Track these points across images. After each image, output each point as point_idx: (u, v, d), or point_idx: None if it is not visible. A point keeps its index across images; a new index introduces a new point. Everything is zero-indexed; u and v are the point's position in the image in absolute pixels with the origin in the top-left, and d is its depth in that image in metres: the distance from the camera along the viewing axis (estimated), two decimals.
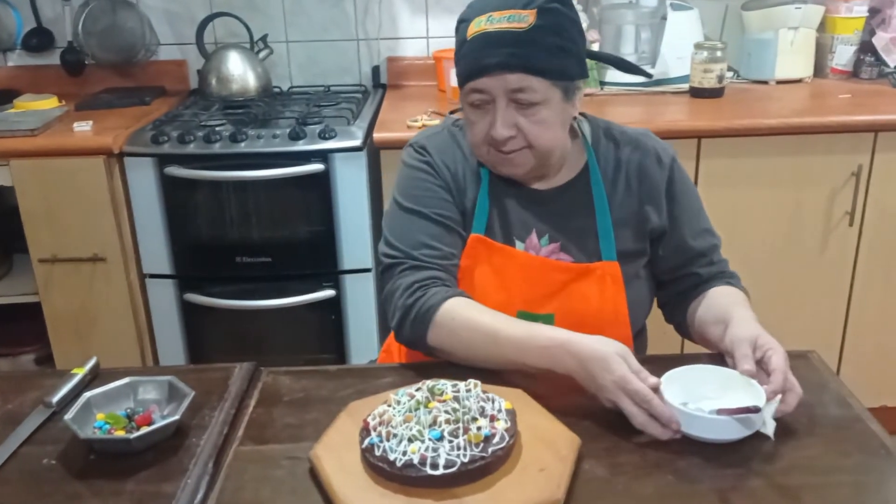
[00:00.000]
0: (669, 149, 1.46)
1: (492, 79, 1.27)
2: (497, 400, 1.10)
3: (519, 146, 1.32)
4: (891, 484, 1.04)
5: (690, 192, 1.46)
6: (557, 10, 1.27)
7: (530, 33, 1.25)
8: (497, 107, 1.29)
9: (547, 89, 1.28)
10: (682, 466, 1.06)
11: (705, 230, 1.47)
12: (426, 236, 1.36)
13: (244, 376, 1.31)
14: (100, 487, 1.05)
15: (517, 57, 1.25)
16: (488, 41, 1.26)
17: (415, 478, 0.99)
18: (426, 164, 1.41)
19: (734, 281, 1.46)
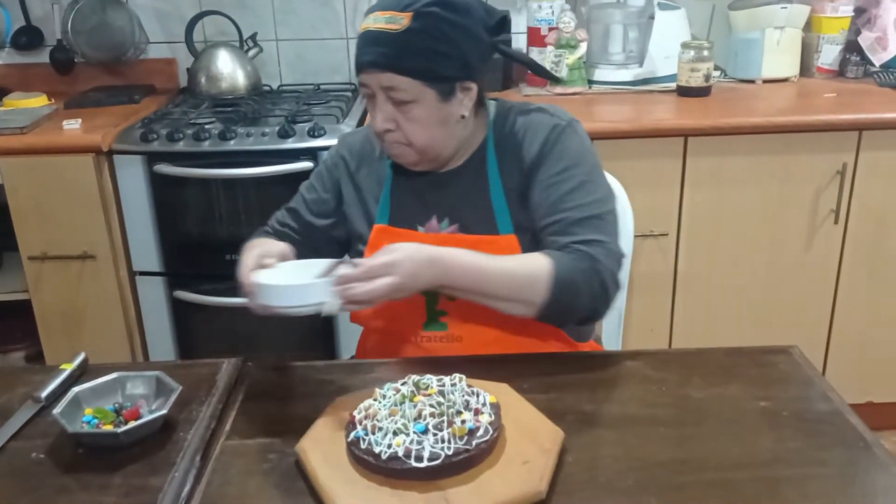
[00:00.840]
0: (558, 119, 1.42)
1: (368, 75, 1.33)
2: (482, 394, 1.11)
3: (398, 140, 1.37)
4: (869, 476, 1.06)
5: (563, 154, 1.39)
6: (435, 14, 1.30)
7: (403, 35, 1.30)
8: (377, 101, 1.35)
9: (418, 89, 1.32)
10: (663, 459, 1.08)
11: (569, 193, 1.37)
12: (285, 207, 1.57)
13: (231, 372, 1.32)
14: (88, 481, 1.06)
15: (386, 57, 1.30)
16: (367, 39, 1.33)
17: (399, 470, 1.00)
18: (330, 159, 1.55)
19: (571, 254, 1.31)
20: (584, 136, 1.43)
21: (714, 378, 1.27)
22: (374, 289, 1.19)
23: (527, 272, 1.29)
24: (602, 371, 1.31)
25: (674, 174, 2.35)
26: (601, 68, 2.72)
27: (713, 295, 2.47)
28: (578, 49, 2.62)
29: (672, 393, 1.23)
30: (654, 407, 1.20)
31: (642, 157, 2.32)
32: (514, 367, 1.31)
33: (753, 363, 1.31)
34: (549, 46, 2.63)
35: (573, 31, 2.61)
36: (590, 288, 1.30)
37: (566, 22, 2.60)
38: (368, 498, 0.99)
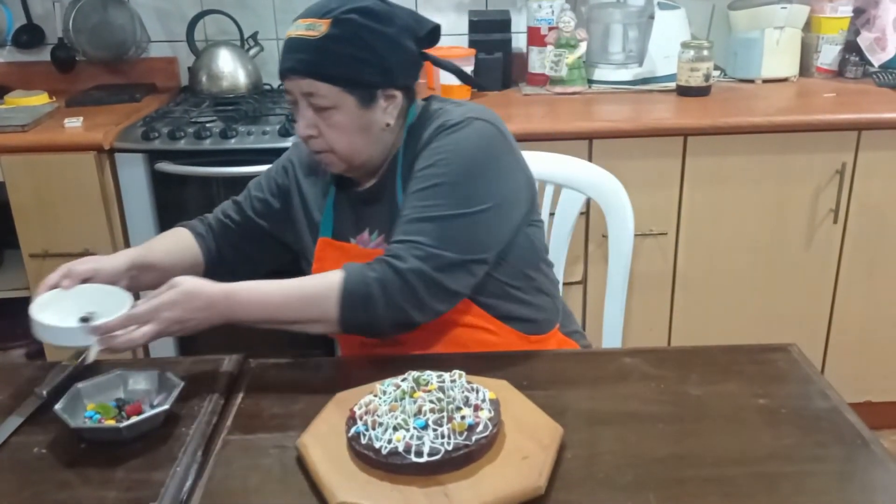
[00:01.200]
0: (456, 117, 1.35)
1: (290, 82, 1.34)
2: (481, 390, 1.12)
3: (321, 148, 1.37)
4: (866, 473, 1.07)
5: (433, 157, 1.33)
6: (353, 21, 1.31)
7: (322, 42, 1.30)
8: (299, 107, 1.35)
9: (337, 95, 1.32)
10: (661, 456, 1.08)
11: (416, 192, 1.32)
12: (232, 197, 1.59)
13: (232, 368, 1.33)
14: (90, 476, 1.07)
15: (305, 63, 1.31)
16: (289, 46, 1.34)
17: (400, 465, 1.01)
18: (281, 165, 1.56)
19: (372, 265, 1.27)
20: (474, 135, 1.34)
21: (712, 375, 1.28)
22: (135, 339, 1.21)
23: (313, 292, 1.27)
24: (601, 368, 1.31)
25: (673, 173, 2.36)
26: (601, 68, 2.73)
27: (712, 294, 2.48)
28: (578, 48, 2.63)
29: (671, 390, 1.24)
30: (652, 404, 1.20)
31: (642, 157, 2.33)
32: (514, 364, 1.31)
33: (752, 361, 1.32)
34: (549, 46, 2.64)
35: (573, 30, 2.62)
36: (385, 295, 1.25)
37: (566, 21, 2.61)
38: (369, 493, 0.99)
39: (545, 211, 1.84)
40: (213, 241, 1.55)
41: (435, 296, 1.27)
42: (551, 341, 1.50)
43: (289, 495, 1.03)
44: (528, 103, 2.58)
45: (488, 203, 1.31)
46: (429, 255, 1.26)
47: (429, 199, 1.31)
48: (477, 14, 2.80)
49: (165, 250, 1.49)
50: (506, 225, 1.37)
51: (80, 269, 1.33)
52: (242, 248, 1.56)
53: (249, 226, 1.55)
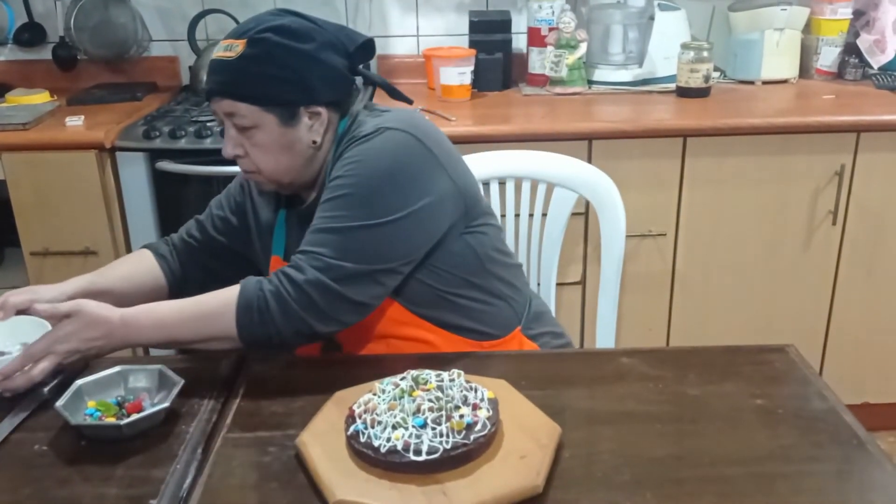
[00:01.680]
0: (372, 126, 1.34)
1: (213, 103, 1.35)
2: (480, 389, 1.12)
3: (249, 167, 1.37)
4: (863, 473, 1.07)
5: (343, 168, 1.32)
6: (268, 40, 1.31)
7: (238, 62, 1.30)
8: (226, 128, 1.36)
9: (256, 115, 1.32)
10: (659, 455, 1.09)
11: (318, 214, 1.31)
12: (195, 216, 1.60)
13: (232, 366, 1.33)
14: (90, 473, 1.07)
15: (222, 84, 1.32)
16: (210, 68, 1.34)
17: (398, 463, 1.01)
18: (239, 181, 1.57)
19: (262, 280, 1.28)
20: (385, 144, 1.32)
21: (710, 376, 1.28)
22: (33, 377, 1.22)
23: (210, 309, 1.27)
24: (599, 368, 1.32)
25: (672, 174, 2.36)
26: (601, 68, 2.74)
27: (711, 295, 2.48)
28: (578, 49, 2.64)
29: (669, 390, 1.24)
30: (650, 404, 1.21)
31: (641, 158, 2.33)
32: (512, 363, 1.32)
33: (750, 361, 1.32)
34: (549, 46, 2.64)
35: (573, 31, 2.62)
36: (281, 306, 1.24)
37: (566, 22, 2.61)
38: (367, 491, 1.00)
39: (537, 210, 1.85)
40: (177, 261, 1.56)
41: (337, 307, 1.26)
42: (510, 345, 1.47)
43: (288, 493, 1.04)
44: (528, 104, 2.58)
45: (397, 213, 1.29)
46: (329, 265, 1.25)
47: (334, 210, 1.29)
48: (477, 14, 2.80)
49: (121, 276, 1.48)
50: (420, 234, 1.33)
51: (13, 301, 1.32)
52: (207, 265, 1.56)
53: (212, 244, 1.56)
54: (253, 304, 1.24)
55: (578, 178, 1.79)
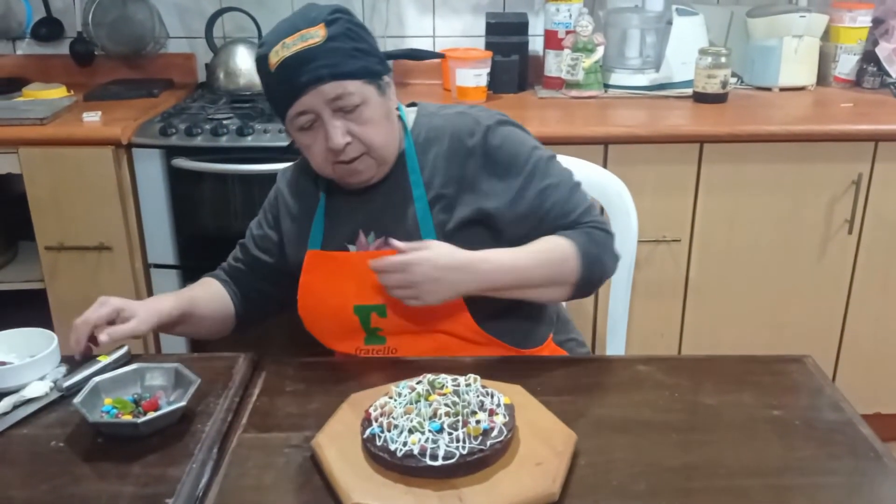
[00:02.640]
0: (484, 120, 1.43)
1: (309, 96, 1.32)
2: (496, 395, 1.12)
3: (358, 152, 1.36)
4: (879, 487, 1.07)
5: (517, 153, 1.42)
6: (341, 19, 1.33)
7: (328, 44, 1.30)
8: (324, 120, 1.33)
9: (362, 89, 1.33)
10: (674, 465, 1.09)
11: (546, 187, 1.42)
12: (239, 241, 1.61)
13: (248, 366, 1.34)
14: (106, 470, 1.08)
15: (324, 67, 1.30)
16: (293, 64, 1.31)
17: (414, 468, 1.01)
18: (273, 194, 1.56)
19: (575, 231, 1.40)
20: (515, 125, 1.46)
21: (727, 385, 1.28)
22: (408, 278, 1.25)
23: (557, 256, 1.35)
24: (615, 375, 1.32)
25: (688, 180, 2.35)
26: (618, 72, 2.73)
27: (724, 302, 2.48)
28: (595, 53, 2.63)
29: (684, 399, 1.24)
30: (666, 412, 1.20)
31: (657, 163, 2.32)
32: (528, 369, 1.32)
33: (766, 371, 1.32)
34: (566, 49, 2.64)
35: (590, 34, 2.62)
36: (606, 251, 1.40)
37: (584, 25, 2.61)
38: (383, 495, 1.00)
39: None
40: (236, 286, 1.56)
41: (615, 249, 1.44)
42: (544, 352, 1.50)
43: (303, 494, 1.04)
44: (544, 106, 2.58)
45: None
46: (597, 209, 1.45)
47: (554, 178, 1.42)
48: (494, 16, 2.80)
49: (206, 300, 1.49)
50: None
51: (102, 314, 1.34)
52: (259, 287, 1.56)
53: (257, 264, 1.55)
54: (592, 254, 1.37)
55: (590, 182, 1.78)
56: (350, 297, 1.41)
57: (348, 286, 1.41)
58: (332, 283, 1.42)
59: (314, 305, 1.45)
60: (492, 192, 1.40)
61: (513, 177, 1.41)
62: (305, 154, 1.41)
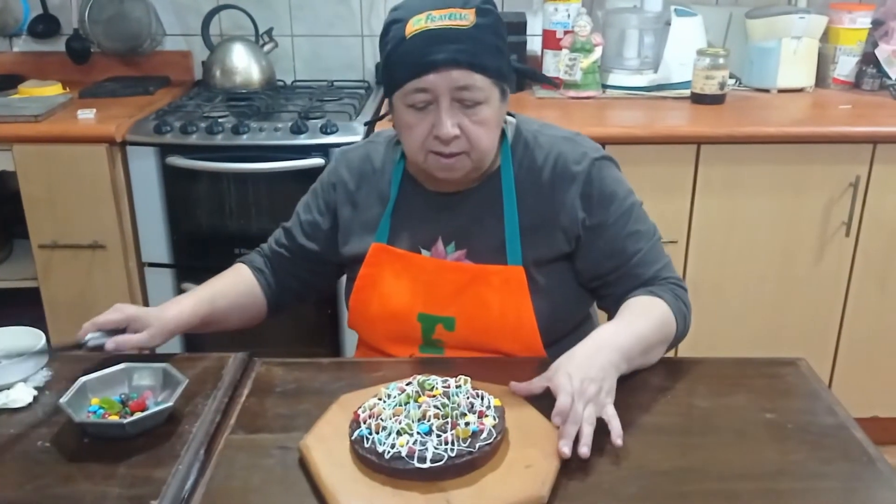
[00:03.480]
0: (591, 152, 1.39)
1: (438, 76, 1.24)
2: (486, 396, 1.11)
3: (461, 149, 1.29)
4: (872, 491, 1.06)
5: (614, 193, 1.39)
6: (492, 11, 1.29)
7: (473, 31, 1.25)
8: (441, 106, 1.26)
9: (489, 88, 1.28)
10: (666, 468, 1.07)
11: (634, 232, 1.39)
12: (282, 225, 1.55)
13: (238, 366, 1.32)
14: (92, 471, 1.07)
15: (464, 53, 1.24)
16: (432, 39, 1.24)
17: (402, 470, 1.00)
18: (327, 177, 1.50)
19: (662, 289, 1.37)
20: (616, 165, 1.43)
21: (720, 388, 1.27)
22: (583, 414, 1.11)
23: (664, 318, 1.31)
24: None
25: (685, 181, 2.34)
26: (616, 73, 2.72)
27: (721, 304, 2.46)
28: (593, 53, 2.62)
29: (677, 401, 1.23)
30: (658, 415, 1.19)
31: (654, 164, 2.31)
32: (518, 370, 1.31)
33: (760, 374, 1.31)
34: (564, 50, 2.63)
35: (588, 34, 2.61)
36: (689, 311, 1.38)
37: (582, 26, 2.60)
38: (370, 497, 0.99)
39: None
40: (272, 274, 1.53)
41: None
42: None
43: (290, 496, 1.03)
44: (542, 107, 2.57)
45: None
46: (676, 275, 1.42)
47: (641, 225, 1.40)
48: None
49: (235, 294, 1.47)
50: None
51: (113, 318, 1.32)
52: (300, 275, 1.53)
53: (302, 252, 1.51)
54: (682, 311, 1.35)
55: None
56: (417, 303, 1.38)
57: (416, 291, 1.38)
58: (397, 284, 1.39)
59: (371, 301, 1.41)
60: (582, 225, 1.37)
61: (606, 214, 1.37)
62: (401, 132, 1.34)
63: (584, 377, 1.13)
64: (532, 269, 1.37)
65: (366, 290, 1.42)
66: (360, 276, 1.42)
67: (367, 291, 1.42)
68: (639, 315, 1.30)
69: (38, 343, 1.30)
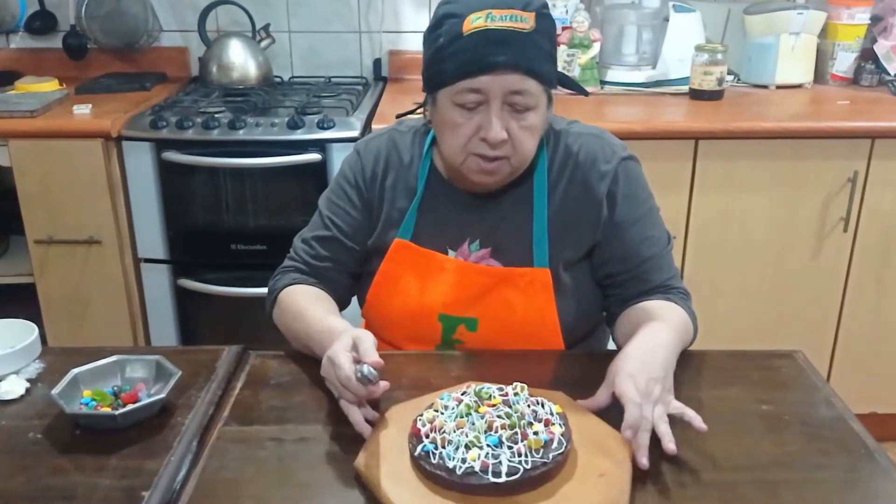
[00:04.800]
0: (619, 150, 1.39)
1: (493, 78, 1.22)
2: (546, 403, 1.07)
3: (504, 153, 1.27)
4: (869, 483, 1.05)
5: (636, 194, 1.39)
6: (550, 17, 1.27)
7: (533, 36, 1.22)
8: (491, 108, 1.24)
9: (539, 94, 1.26)
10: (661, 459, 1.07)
11: (648, 237, 1.39)
12: (312, 237, 1.44)
13: (232, 359, 1.32)
14: (84, 462, 1.06)
15: (523, 57, 1.22)
16: (491, 39, 1.21)
17: (477, 486, 0.96)
18: (351, 172, 1.44)
19: (674, 296, 1.37)
20: (640, 165, 1.43)
21: (717, 380, 1.27)
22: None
23: (686, 323, 1.33)
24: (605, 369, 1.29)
25: (683, 176, 2.34)
26: (614, 69, 2.71)
27: (719, 299, 2.46)
28: (591, 49, 2.62)
29: (675, 393, 1.22)
30: None
31: (652, 159, 2.30)
32: (518, 363, 1.31)
33: (757, 367, 1.31)
34: (563, 45, 2.62)
35: (587, 30, 2.60)
36: (695, 319, 1.38)
37: (580, 21, 2.59)
38: None
39: None
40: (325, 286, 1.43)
41: None
42: None
43: (282, 488, 1.02)
44: None
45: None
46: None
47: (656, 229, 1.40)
48: None
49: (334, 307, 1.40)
50: None
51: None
52: (352, 273, 1.46)
53: (350, 256, 1.43)
54: (694, 322, 1.37)
55: None
56: (437, 303, 1.37)
57: (438, 291, 1.37)
58: (419, 283, 1.38)
59: (390, 297, 1.39)
60: (604, 223, 1.37)
61: (626, 215, 1.37)
62: (443, 130, 1.30)
63: (649, 377, 1.11)
64: (559, 271, 1.36)
65: (385, 285, 1.40)
66: (381, 271, 1.40)
67: (386, 286, 1.40)
68: (670, 319, 1.29)
69: (31, 336, 1.29)
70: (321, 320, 1.26)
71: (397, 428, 1.09)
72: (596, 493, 0.97)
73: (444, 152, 1.33)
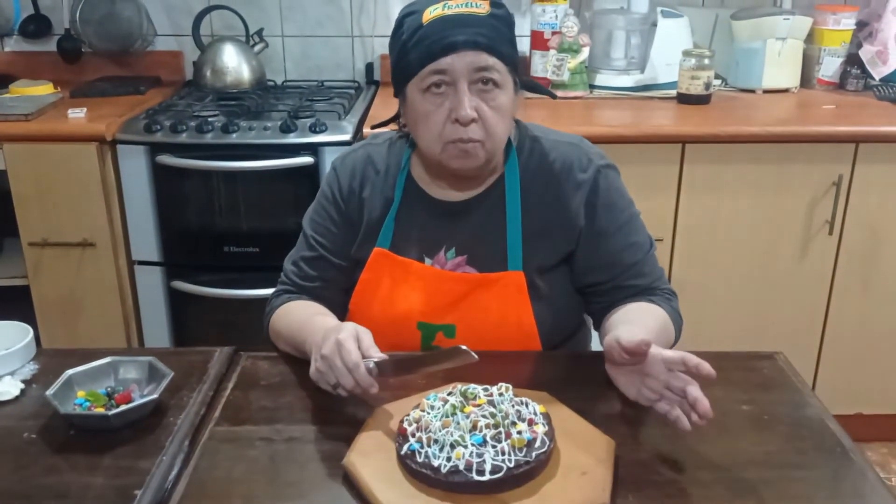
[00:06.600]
0: (596, 159, 1.41)
1: (457, 57, 1.26)
2: (531, 403, 1.10)
3: (478, 136, 1.29)
4: (846, 481, 1.08)
5: (616, 203, 1.41)
6: (505, 7, 1.32)
7: (490, 19, 1.28)
8: (459, 88, 1.27)
9: (505, 73, 1.29)
10: (641, 458, 1.09)
11: (633, 243, 1.42)
12: (299, 257, 1.48)
13: (224, 360, 1.34)
14: (77, 462, 1.08)
15: (483, 36, 1.26)
16: (449, 23, 1.26)
17: (461, 484, 0.98)
18: (329, 189, 1.46)
19: (659, 298, 1.41)
20: (618, 173, 1.45)
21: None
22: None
23: (666, 324, 1.37)
24: (589, 370, 1.32)
25: (670, 180, 2.36)
26: (603, 73, 2.74)
27: (706, 302, 2.48)
28: (580, 53, 2.64)
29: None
30: (638, 406, 1.20)
31: (640, 163, 2.33)
32: (502, 364, 1.33)
33: (738, 367, 1.33)
34: (552, 50, 2.65)
35: (576, 35, 2.63)
36: (680, 319, 1.43)
37: (569, 26, 2.62)
38: None
39: None
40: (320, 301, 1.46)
41: None
42: None
43: (272, 487, 1.04)
44: (529, 107, 2.58)
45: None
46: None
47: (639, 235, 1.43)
48: None
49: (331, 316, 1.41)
50: None
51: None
52: (343, 288, 1.47)
53: (339, 273, 1.46)
54: (677, 321, 1.41)
55: None
56: (415, 311, 1.39)
57: (415, 299, 1.39)
58: (397, 291, 1.40)
59: (370, 306, 1.42)
60: (583, 232, 1.39)
61: (606, 224, 1.40)
62: (416, 124, 1.33)
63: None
64: (534, 276, 1.38)
65: (365, 293, 1.42)
66: (361, 280, 1.42)
67: (367, 296, 1.42)
68: (647, 319, 1.33)
69: (26, 337, 1.32)
70: (316, 315, 1.32)
71: (384, 428, 1.11)
72: (578, 491, 1.00)
73: (422, 146, 1.36)
